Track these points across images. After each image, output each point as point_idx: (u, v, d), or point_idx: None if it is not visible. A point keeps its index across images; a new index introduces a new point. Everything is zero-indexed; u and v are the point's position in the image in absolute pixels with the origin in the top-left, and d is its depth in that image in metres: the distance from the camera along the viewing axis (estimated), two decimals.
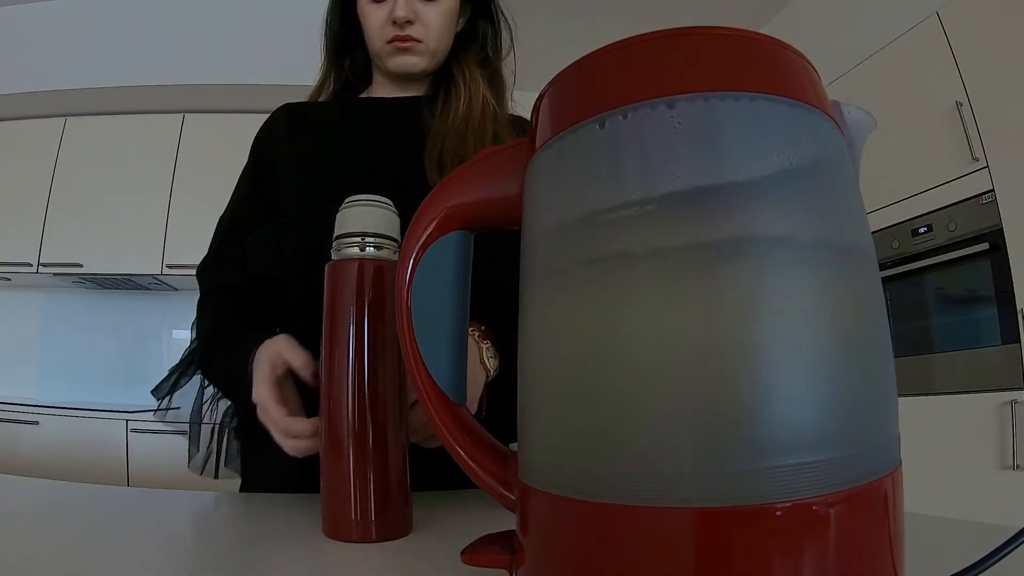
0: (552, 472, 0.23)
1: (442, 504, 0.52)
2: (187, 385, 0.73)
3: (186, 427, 0.74)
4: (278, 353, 0.52)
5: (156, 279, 2.62)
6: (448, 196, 0.32)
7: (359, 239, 0.45)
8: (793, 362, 0.20)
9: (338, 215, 0.46)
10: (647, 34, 0.24)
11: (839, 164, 0.24)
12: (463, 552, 0.30)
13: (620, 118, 0.23)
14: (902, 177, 1.88)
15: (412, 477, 0.45)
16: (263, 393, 0.51)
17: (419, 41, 0.71)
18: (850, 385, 0.21)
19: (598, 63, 0.25)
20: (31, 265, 2.52)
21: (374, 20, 0.71)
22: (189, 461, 0.72)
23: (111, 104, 2.60)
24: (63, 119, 2.63)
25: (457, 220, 0.32)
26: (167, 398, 0.73)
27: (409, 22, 0.70)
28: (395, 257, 0.47)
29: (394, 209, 0.48)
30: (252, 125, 0.79)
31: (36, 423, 2.25)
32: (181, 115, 2.65)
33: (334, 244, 0.46)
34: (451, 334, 0.32)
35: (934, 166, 1.82)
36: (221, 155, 2.56)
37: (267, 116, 0.78)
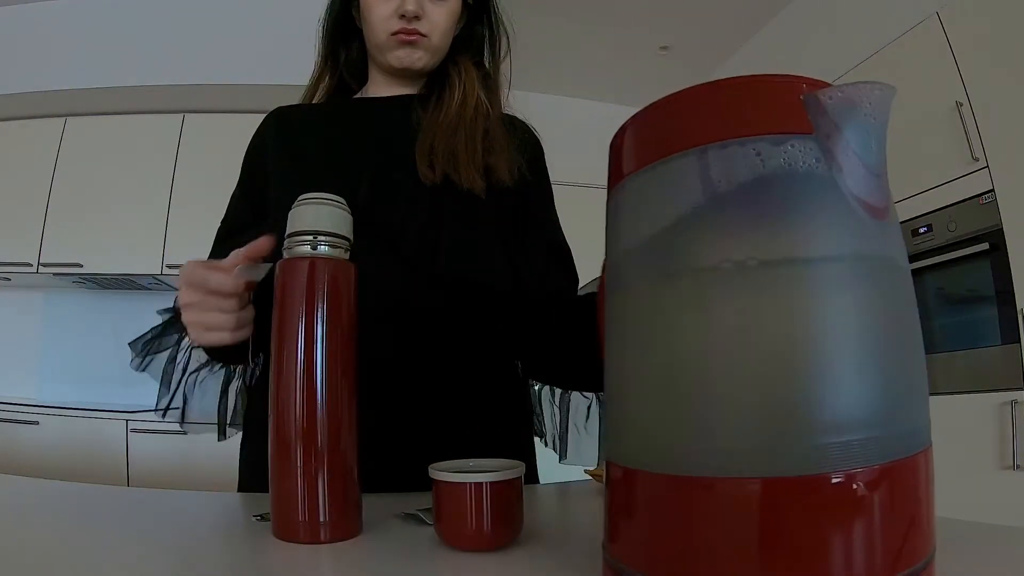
0: (645, 453, 0.27)
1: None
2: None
3: (185, 426, 0.74)
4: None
5: (156, 279, 2.62)
6: None
7: (311, 238, 0.44)
8: (844, 357, 0.24)
9: (290, 213, 0.45)
10: (735, 79, 0.28)
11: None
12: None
13: (717, 151, 0.27)
14: (902, 177, 1.88)
15: (362, 478, 0.45)
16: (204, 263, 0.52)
17: (425, 36, 0.72)
18: (891, 376, 0.25)
19: (690, 101, 0.28)
20: (31, 265, 2.52)
21: (380, 12, 0.71)
22: (156, 403, 0.72)
23: (111, 104, 2.60)
24: (63, 119, 2.63)
25: None
26: (145, 359, 0.74)
27: (417, 17, 0.70)
28: (347, 256, 0.46)
29: (347, 208, 0.47)
30: (252, 125, 0.79)
31: (36, 423, 2.25)
32: (181, 115, 2.65)
33: (285, 243, 0.45)
34: None
35: (934, 166, 1.82)
36: (221, 155, 2.55)
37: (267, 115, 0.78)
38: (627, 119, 0.31)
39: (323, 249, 0.44)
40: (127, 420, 2.22)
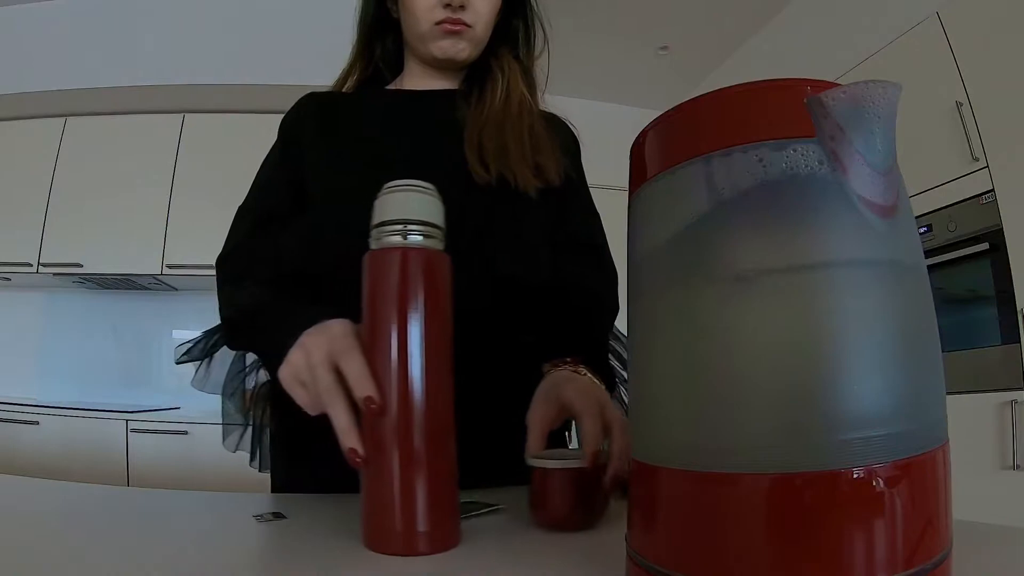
0: (668, 450, 0.28)
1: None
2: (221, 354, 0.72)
3: (185, 426, 0.73)
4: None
5: (156, 279, 2.62)
6: None
7: (401, 227, 0.41)
8: (865, 357, 0.25)
9: (377, 201, 0.43)
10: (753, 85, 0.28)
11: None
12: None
13: (741, 155, 0.27)
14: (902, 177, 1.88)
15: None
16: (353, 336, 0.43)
17: (470, 26, 0.70)
18: (910, 374, 0.26)
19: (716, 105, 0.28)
20: (31, 265, 2.52)
21: (424, 1, 0.69)
22: (224, 438, 0.70)
23: (111, 104, 2.60)
24: (63, 119, 2.62)
25: None
26: (204, 363, 0.72)
27: (462, 7, 0.69)
28: (441, 246, 0.43)
29: (438, 195, 0.44)
30: (252, 125, 0.79)
31: (36, 423, 2.25)
32: (181, 115, 2.65)
33: (372, 233, 0.42)
34: None
35: (934, 166, 1.82)
36: (221, 155, 2.55)
37: (267, 115, 0.77)
38: (647, 124, 0.31)
39: (415, 239, 0.41)
40: (127, 420, 2.22)
